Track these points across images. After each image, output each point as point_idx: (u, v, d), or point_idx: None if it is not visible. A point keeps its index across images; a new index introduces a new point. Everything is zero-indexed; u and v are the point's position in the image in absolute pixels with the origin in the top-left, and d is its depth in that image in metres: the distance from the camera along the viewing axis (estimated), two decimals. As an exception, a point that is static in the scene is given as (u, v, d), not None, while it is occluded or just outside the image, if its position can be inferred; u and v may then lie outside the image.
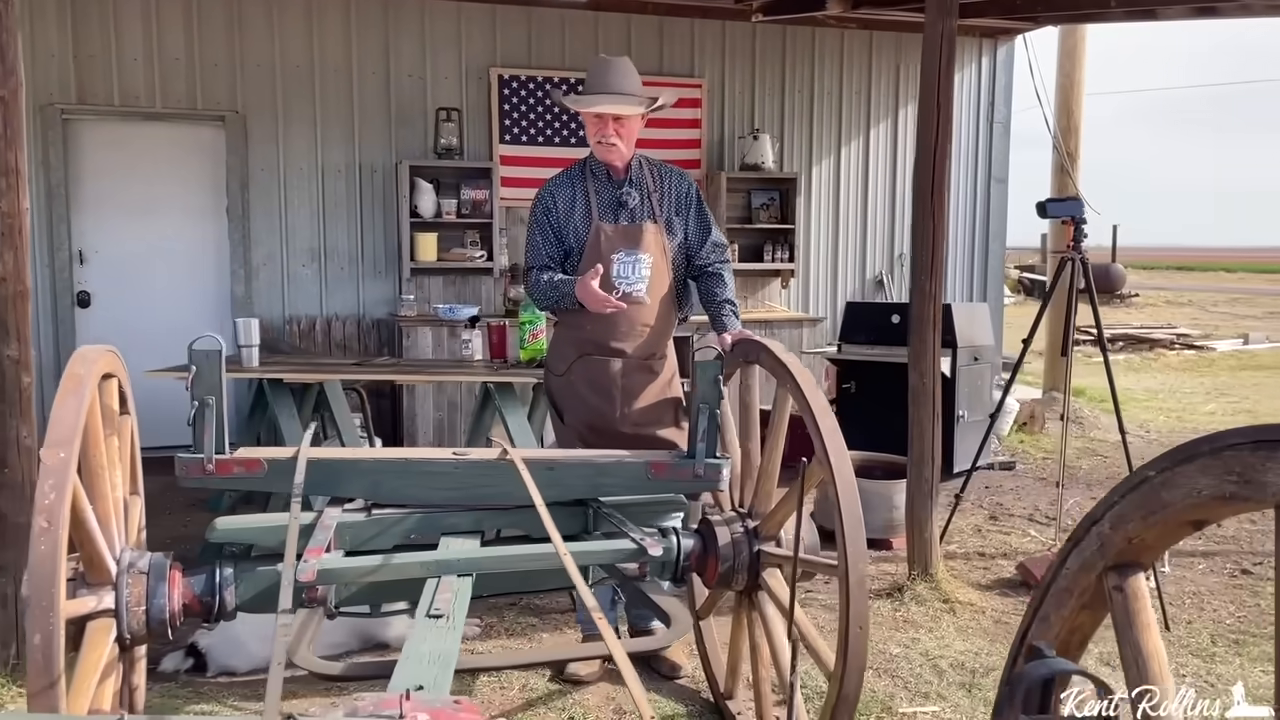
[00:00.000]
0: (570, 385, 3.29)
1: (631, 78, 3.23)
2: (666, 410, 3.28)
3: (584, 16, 7.11)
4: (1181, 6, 6.35)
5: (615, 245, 3.22)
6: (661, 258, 3.27)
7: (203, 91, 6.53)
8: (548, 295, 3.24)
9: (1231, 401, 10.32)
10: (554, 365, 3.38)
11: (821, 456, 2.43)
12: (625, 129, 3.21)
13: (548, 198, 3.29)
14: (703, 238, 3.34)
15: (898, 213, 8.03)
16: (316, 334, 6.82)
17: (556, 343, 3.40)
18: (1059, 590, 1.20)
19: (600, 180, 3.28)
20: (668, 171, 3.36)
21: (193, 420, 2.49)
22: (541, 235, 3.28)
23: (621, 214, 3.26)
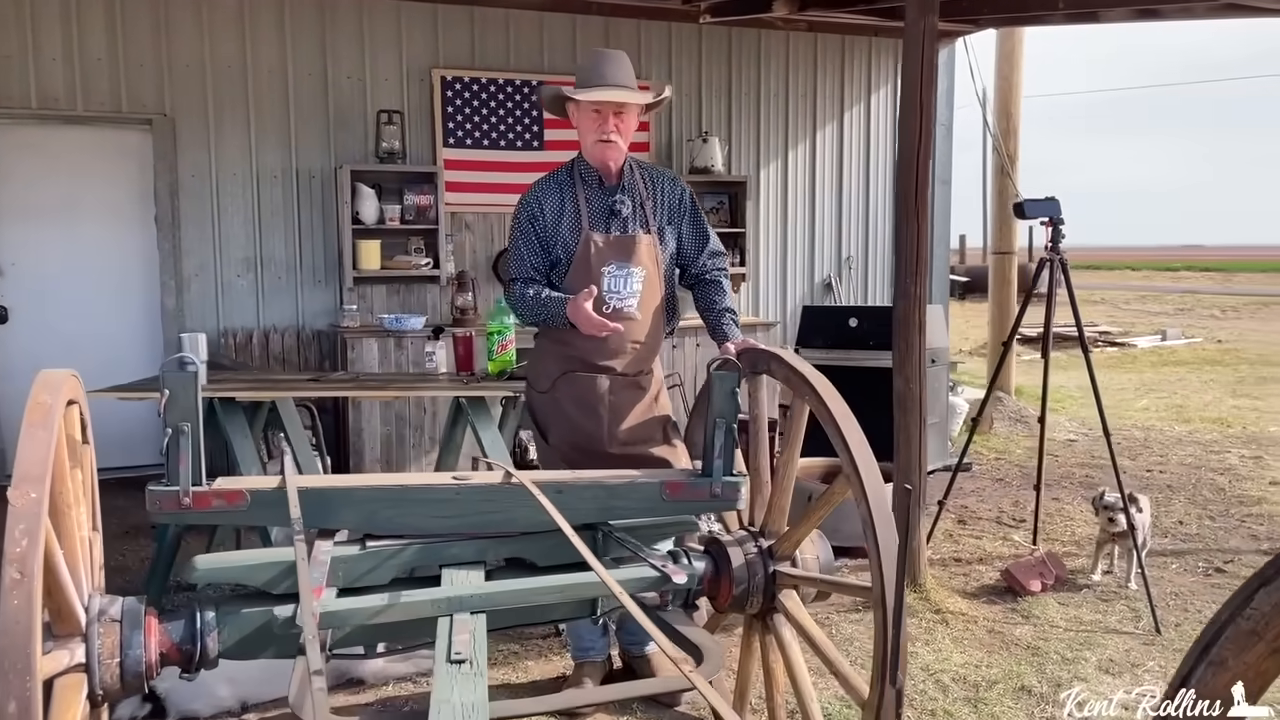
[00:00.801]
0: (554, 403, 3.11)
1: (628, 71, 3.06)
2: (655, 428, 3.13)
3: (529, 17, 6.93)
4: (1124, 9, 6.44)
5: (606, 258, 3.05)
6: (654, 270, 3.10)
7: (128, 93, 6.18)
8: (534, 312, 3.05)
9: (1161, 397, 10.55)
10: (536, 381, 3.19)
11: (850, 471, 2.30)
12: (625, 124, 3.04)
13: (534, 204, 3.09)
14: (699, 246, 3.19)
15: (845, 216, 8.01)
16: (254, 347, 6.50)
17: (538, 357, 3.21)
18: (1243, 633, 1.08)
19: (591, 187, 3.10)
20: (660, 176, 3.19)
21: (166, 449, 2.26)
22: (526, 245, 3.08)
23: (613, 223, 3.08)
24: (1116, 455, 7.30)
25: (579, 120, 3.07)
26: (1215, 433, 8.21)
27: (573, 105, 3.08)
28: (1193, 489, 6.13)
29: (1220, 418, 8.94)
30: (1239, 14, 5.97)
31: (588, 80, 3.02)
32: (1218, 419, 8.86)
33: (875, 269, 8.17)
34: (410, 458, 6.32)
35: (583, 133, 3.07)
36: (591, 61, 3.06)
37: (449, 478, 2.41)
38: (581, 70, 3.07)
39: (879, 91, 8.04)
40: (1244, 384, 11.54)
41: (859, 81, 7.97)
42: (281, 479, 2.34)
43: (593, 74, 3.01)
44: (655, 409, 3.15)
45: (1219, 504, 5.78)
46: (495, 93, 6.85)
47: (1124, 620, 3.91)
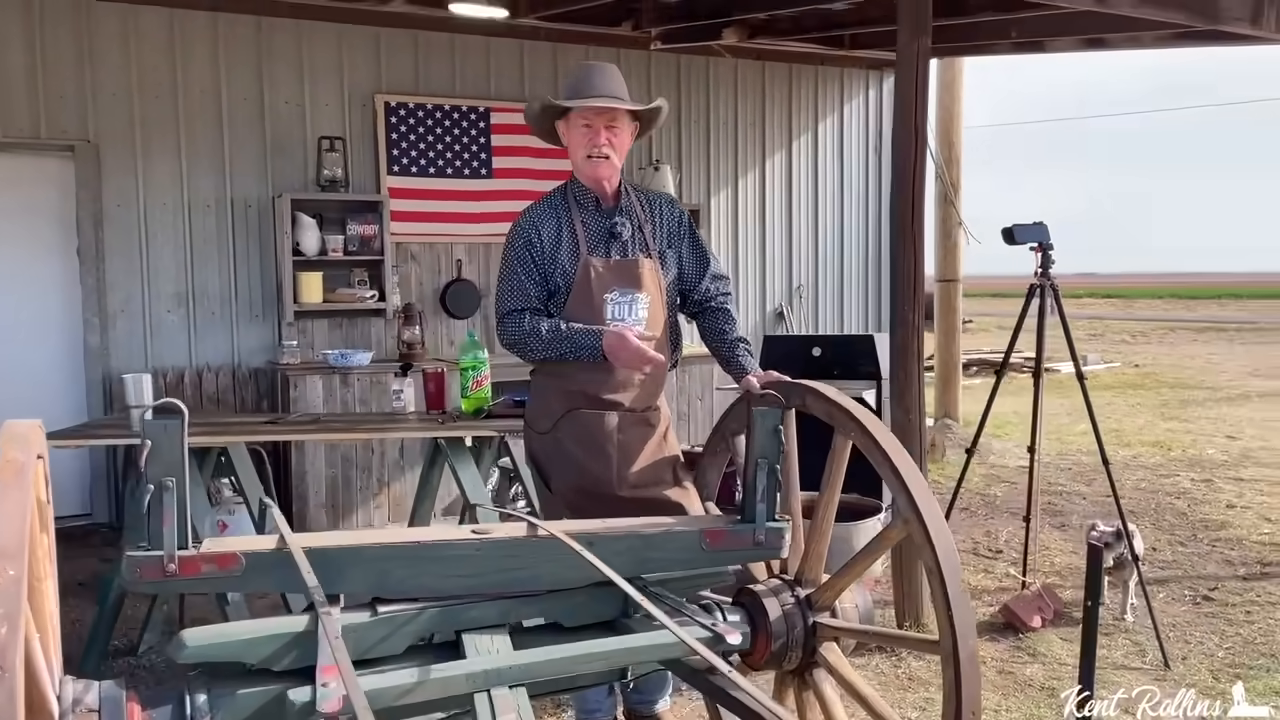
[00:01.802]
0: (557, 444, 2.88)
1: (619, 82, 2.85)
2: (665, 468, 2.91)
3: (475, 43, 6.72)
4: (1072, 39, 6.51)
5: (608, 283, 2.84)
6: (658, 296, 2.91)
7: (48, 119, 5.78)
8: (552, 347, 2.78)
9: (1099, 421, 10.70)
10: (536, 422, 2.95)
11: (910, 515, 2.13)
12: (619, 139, 2.84)
13: (529, 230, 2.86)
14: (701, 270, 3.00)
15: (795, 245, 7.94)
16: (186, 387, 6.10)
17: (538, 395, 2.97)
18: None
19: (588, 210, 2.89)
20: (656, 199, 3.00)
21: (147, 509, 1.97)
22: (526, 273, 2.84)
23: (613, 247, 2.87)
24: (1072, 481, 7.42)
25: (569, 137, 2.88)
26: (1158, 456, 8.31)
27: (562, 124, 2.89)
28: (1155, 514, 6.14)
29: (1158, 441, 9.07)
30: (1186, 43, 6.07)
31: (575, 92, 2.83)
32: (1156, 442, 8.99)
33: (825, 297, 8.11)
34: (357, 502, 5.99)
35: (573, 150, 2.87)
36: (579, 72, 2.88)
37: (468, 531, 2.17)
38: (568, 83, 2.88)
39: (826, 120, 8.02)
40: (1169, 407, 11.79)
41: (806, 110, 7.93)
42: (278, 538, 2.07)
43: (581, 85, 2.83)
44: (665, 446, 2.95)
45: (1184, 529, 5.78)
46: (441, 119, 6.61)
47: (1130, 655, 3.82)
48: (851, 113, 8.12)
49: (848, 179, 8.15)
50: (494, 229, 6.66)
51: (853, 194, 8.17)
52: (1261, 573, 4.89)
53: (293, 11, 6.18)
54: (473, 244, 6.78)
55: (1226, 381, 14.17)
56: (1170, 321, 28.99)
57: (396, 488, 6.04)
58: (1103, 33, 6.19)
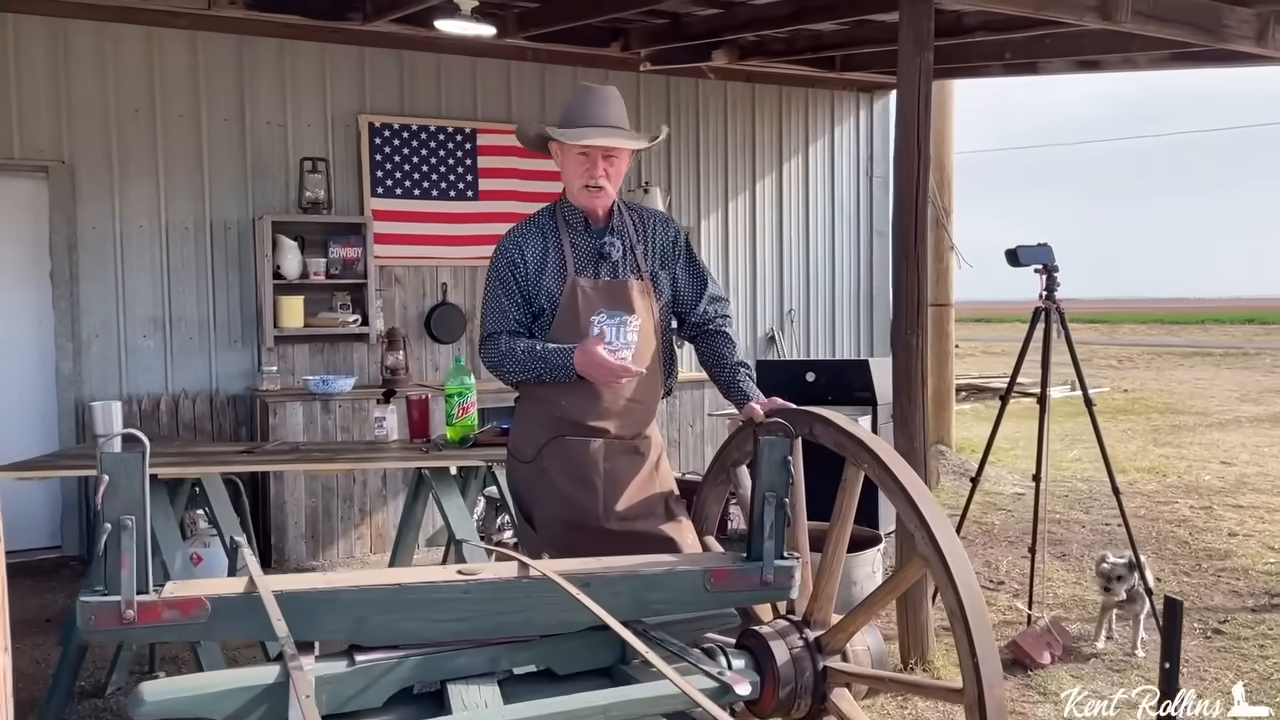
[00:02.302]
0: (542, 474, 2.72)
1: (620, 110, 2.72)
2: (658, 500, 2.76)
3: (461, 63, 6.60)
4: (1064, 60, 6.44)
5: (595, 304, 2.70)
6: (649, 319, 2.76)
7: (21, 138, 5.61)
8: (526, 368, 2.66)
9: (1089, 447, 10.52)
10: (519, 450, 2.80)
11: (930, 554, 1.98)
12: (615, 169, 2.71)
13: (513, 250, 2.73)
14: (698, 292, 2.86)
15: (786, 268, 7.83)
16: (161, 415, 5.92)
17: (522, 422, 2.82)
18: None
19: (576, 230, 2.75)
20: (651, 217, 2.86)
21: (104, 549, 1.82)
22: (507, 295, 2.71)
23: (602, 268, 2.74)
24: (1069, 509, 7.29)
25: (563, 162, 2.74)
26: (1154, 483, 8.19)
27: (555, 146, 2.74)
28: (1157, 543, 6.00)
29: (1153, 467, 8.96)
30: (1181, 64, 6.01)
31: (574, 119, 2.69)
32: (1151, 469, 8.88)
33: (817, 322, 7.99)
34: (339, 532, 5.81)
35: (568, 176, 2.74)
36: (579, 98, 2.74)
37: (454, 572, 2.01)
38: (568, 108, 2.73)
39: (817, 143, 7.93)
40: (1160, 432, 11.70)
41: (797, 132, 7.84)
42: (247, 582, 1.91)
43: (580, 113, 2.69)
44: (656, 477, 2.79)
45: (1188, 559, 5.65)
46: (426, 140, 6.48)
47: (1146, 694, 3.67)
48: (842, 135, 8.04)
49: (839, 202, 8.05)
50: (480, 252, 6.51)
51: (844, 217, 8.07)
52: (1271, 604, 4.76)
53: (275, 30, 6.05)
54: (458, 267, 6.63)
55: (1216, 406, 14.11)
56: (1156, 346, 29.05)
57: (379, 517, 5.86)
58: (1097, 54, 6.12)
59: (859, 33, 6.39)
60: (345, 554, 5.81)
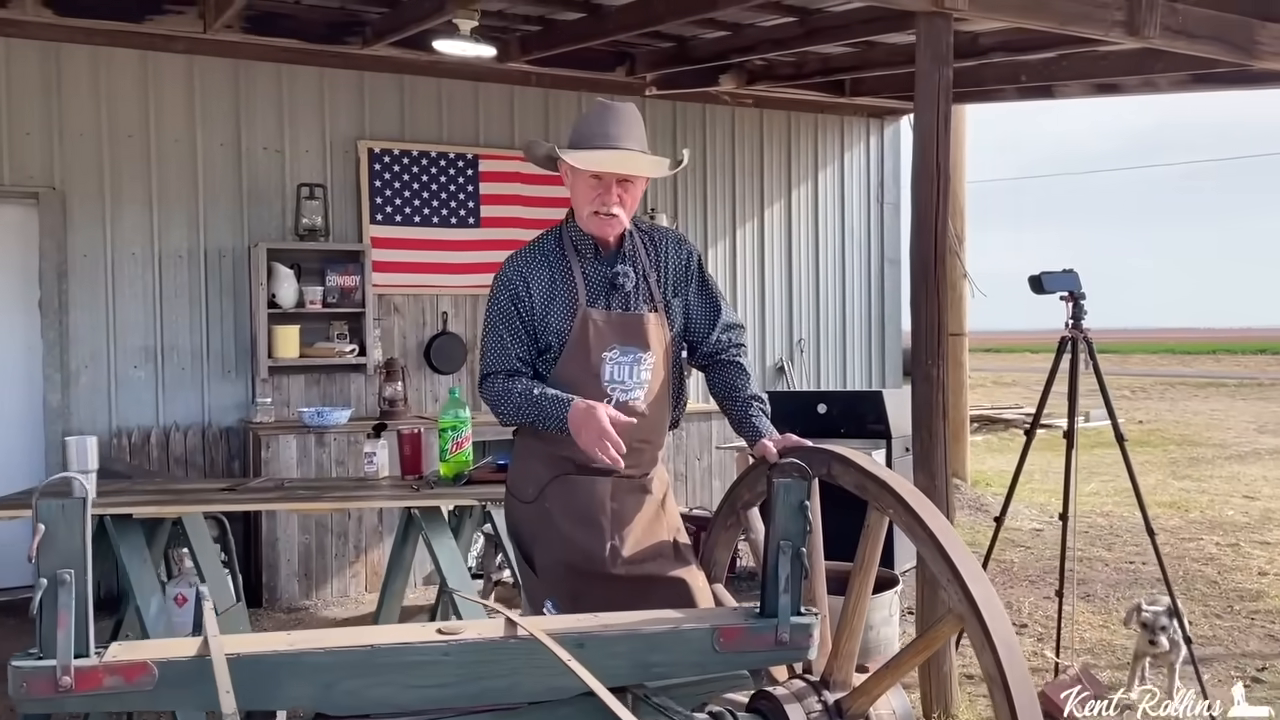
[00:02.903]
0: (543, 515, 2.51)
1: (639, 131, 2.50)
2: (666, 541, 2.55)
3: (463, 87, 6.46)
4: (1081, 83, 6.28)
5: (608, 340, 2.49)
6: (661, 355, 2.56)
7: (10, 164, 5.47)
8: (521, 412, 2.45)
9: (1106, 481, 10.33)
10: (520, 489, 2.59)
11: (966, 612, 1.77)
12: (631, 195, 2.48)
13: (517, 281, 2.50)
14: (711, 319, 2.66)
15: (795, 297, 7.65)
16: (152, 448, 5.73)
17: (522, 458, 2.62)
18: None
19: (586, 257, 2.54)
20: (663, 239, 2.64)
21: (39, 608, 1.62)
22: (509, 330, 2.50)
23: (614, 299, 2.52)
24: (1090, 546, 7.04)
25: (573, 184, 2.51)
26: (1176, 518, 7.94)
27: (566, 165, 2.50)
28: (1185, 583, 5.75)
29: (1174, 502, 8.71)
30: (1204, 86, 5.84)
31: (588, 139, 2.46)
32: (1172, 503, 8.63)
33: (828, 351, 7.79)
34: (332, 570, 5.60)
35: (577, 200, 2.52)
36: (594, 116, 2.50)
37: (433, 631, 1.80)
38: (582, 125, 2.51)
39: (826, 169, 7.77)
40: (1179, 465, 11.44)
41: (806, 158, 7.68)
42: (201, 642, 1.70)
43: (595, 133, 2.46)
44: (663, 516, 2.59)
45: (1218, 599, 5.41)
46: (427, 166, 6.33)
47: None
48: (852, 161, 7.87)
49: (849, 229, 7.87)
50: (481, 280, 6.34)
51: (855, 244, 7.89)
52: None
53: (273, 54, 5.92)
54: (459, 295, 6.46)
55: (1234, 438, 13.84)
56: (1168, 377, 28.74)
57: (374, 555, 5.65)
58: (1116, 76, 5.95)
59: (869, 55, 6.24)
60: (339, 593, 5.60)
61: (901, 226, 8.06)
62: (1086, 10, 3.70)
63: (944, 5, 3.37)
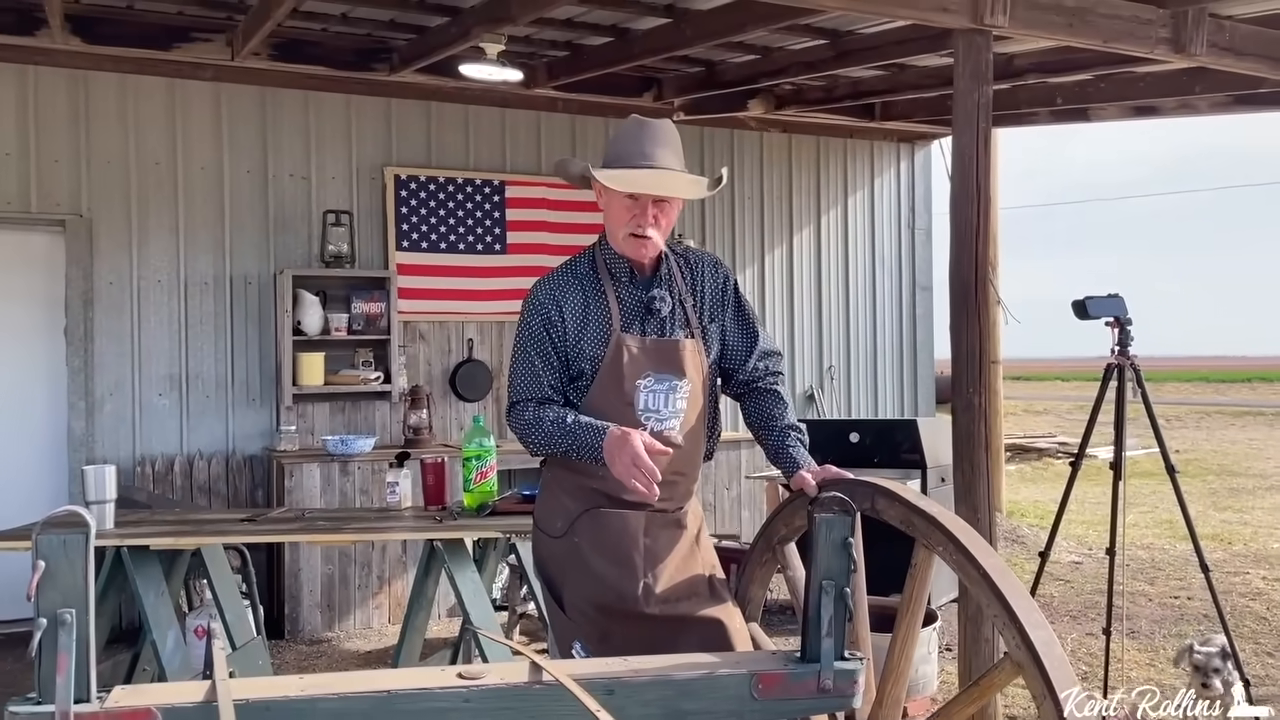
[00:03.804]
0: (573, 551, 2.40)
1: (676, 148, 2.41)
2: (700, 579, 2.43)
3: (489, 114, 6.42)
4: (1117, 106, 6.15)
5: (643, 367, 2.38)
6: (700, 383, 2.45)
7: (38, 191, 5.47)
8: (553, 441, 2.35)
9: (1145, 511, 10.10)
10: (548, 523, 2.48)
11: (1023, 658, 1.65)
12: (667, 216, 2.39)
13: (549, 305, 2.40)
14: (748, 346, 2.54)
15: (825, 323, 7.53)
16: (175, 476, 5.68)
17: (550, 491, 2.51)
18: None
19: (621, 281, 2.43)
20: (699, 261, 2.53)
21: (38, 649, 1.53)
22: (540, 356, 2.39)
23: (650, 324, 2.42)
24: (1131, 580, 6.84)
25: (608, 205, 2.41)
26: (1220, 551, 7.71)
27: (599, 185, 2.41)
28: (1234, 619, 5.53)
29: (1216, 534, 8.48)
30: (1245, 108, 5.70)
31: (624, 158, 2.35)
32: (1215, 535, 8.39)
33: (859, 379, 7.65)
34: (355, 602, 5.52)
35: (612, 221, 2.42)
36: (629, 133, 2.41)
37: (454, 675, 1.70)
38: (617, 143, 2.41)
39: (856, 194, 7.67)
40: (1219, 496, 11.19)
41: (835, 184, 7.59)
42: (209, 687, 1.61)
43: (630, 151, 2.35)
44: (698, 551, 2.47)
45: (1269, 636, 5.21)
46: (454, 192, 6.29)
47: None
48: (883, 186, 7.77)
49: (880, 255, 7.76)
50: (507, 306, 6.28)
51: (885, 270, 7.77)
52: (1370, 691, 4.32)
53: (300, 82, 5.91)
54: (485, 322, 6.39)
55: (1275, 468, 13.52)
56: (1204, 405, 28.27)
57: (397, 586, 5.56)
58: (1154, 98, 5.83)
59: (900, 78, 6.15)
60: (362, 624, 5.51)
61: (933, 252, 7.94)
62: (1130, 27, 3.59)
63: (983, 22, 3.28)
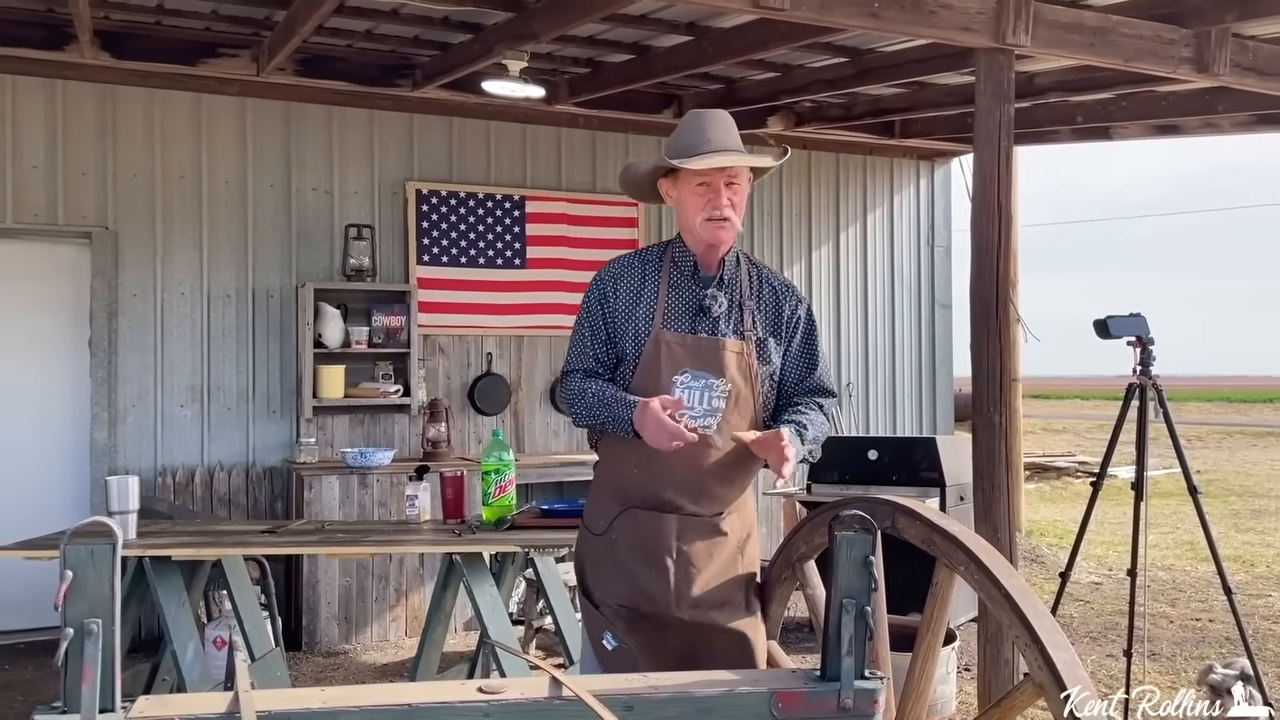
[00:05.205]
0: (610, 549, 2.43)
1: (735, 133, 2.46)
2: (737, 589, 2.43)
3: (511, 129, 6.47)
4: (1140, 124, 6.14)
5: (681, 363, 2.41)
6: (745, 387, 2.45)
7: (66, 204, 5.54)
8: (592, 411, 2.41)
9: (1165, 532, 10.03)
10: (592, 520, 2.53)
11: (1045, 680, 1.64)
12: (739, 197, 2.44)
13: (606, 282, 2.50)
14: (801, 373, 2.55)
15: (844, 340, 7.52)
16: (196, 487, 5.71)
17: (596, 490, 2.56)
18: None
19: (683, 272, 2.49)
20: (773, 277, 2.58)
21: (64, 658, 1.54)
22: (591, 330, 2.48)
23: (700, 323, 2.45)
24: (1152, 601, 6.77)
25: (680, 198, 2.47)
26: (1242, 573, 7.64)
27: (668, 183, 2.49)
28: (1256, 643, 5.48)
29: (1238, 555, 8.40)
30: (1268, 127, 5.68)
31: (690, 147, 2.41)
32: (1236, 557, 8.31)
33: (877, 397, 7.63)
34: (373, 614, 5.53)
35: (687, 212, 2.46)
36: (690, 124, 2.47)
37: (473, 690, 1.71)
38: (680, 136, 2.47)
39: (875, 211, 7.67)
40: (1241, 517, 11.08)
41: (854, 201, 7.59)
42: (231, 698, 1.62)
43: (696, 139, 2.41)
44: (740, 561, 2.46)
45: (1293, 661, 5.15)
46: (474, 207, 6.33)
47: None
48: (902, 204, 7.77)
49: (899, 272, 7.75)
50: (526, 321, 6.31)
51: (904, 288, 7.76)
52: (1397, 717, 4.26)
53: (324, 97, 5.97)
54: (504, 336, 6.41)
55: (1298, 489, 13.39)
56: (1225, 425, 28.03)
57: (415, 599, 5.57)
58: (1176, 116, 5.81)
59: (920, 96, 6.16)
60: (379, 637, 5.52)
61: (953, 270, 7.93)
62: (1152, 47, 3.59)
63: (1005, 42, 3.28)
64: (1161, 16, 3.80)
